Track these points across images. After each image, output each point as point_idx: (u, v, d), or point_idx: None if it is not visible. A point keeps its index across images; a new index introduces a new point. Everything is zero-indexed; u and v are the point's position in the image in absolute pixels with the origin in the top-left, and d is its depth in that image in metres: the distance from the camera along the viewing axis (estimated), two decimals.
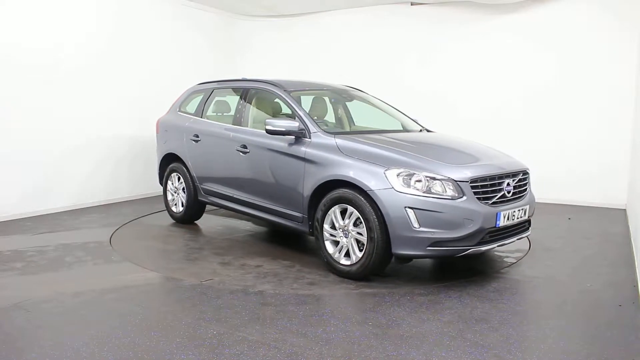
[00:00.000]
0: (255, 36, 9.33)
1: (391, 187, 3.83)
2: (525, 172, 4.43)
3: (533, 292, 3.93)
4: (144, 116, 7.58)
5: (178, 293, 3.86)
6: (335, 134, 4.48)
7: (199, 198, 5.82)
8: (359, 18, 8.56)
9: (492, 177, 4.05)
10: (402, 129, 5.30)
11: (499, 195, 4.06)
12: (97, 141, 6.96)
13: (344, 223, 4.10)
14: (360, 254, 4.00)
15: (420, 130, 5.29)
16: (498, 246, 4.14)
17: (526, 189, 4.42)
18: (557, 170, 7.35)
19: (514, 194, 4.20)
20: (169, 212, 6.25)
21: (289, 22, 9.13)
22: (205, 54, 8.67)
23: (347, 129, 5.40)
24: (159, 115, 7.72)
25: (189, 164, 5.83)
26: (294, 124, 4.48)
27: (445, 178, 3.84)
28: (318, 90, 5.49)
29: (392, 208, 3.81)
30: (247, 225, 6.05)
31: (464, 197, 3.83)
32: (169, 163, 6.16)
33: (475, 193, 3.89)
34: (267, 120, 4.58)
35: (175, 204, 6.13)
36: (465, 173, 3.92)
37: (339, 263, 4.14)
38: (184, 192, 5.95)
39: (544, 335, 3.12)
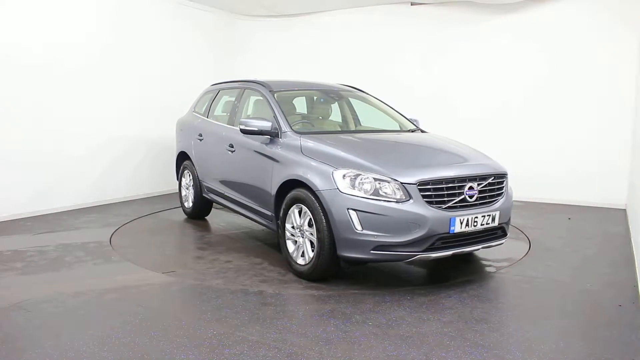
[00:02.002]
0: (255, 36, 9.33)
1: (336, 187, 3.79)
2: (499, 176, 4.14)
3: (533, 292, 3.92)
4: (144, 116, 7.58)
5: (178, 293, 3.87)
6: (302, 133, 4.49)
7: (203, 195, 6.00)
8: (359, 18, 8.56)
9: (449, 180, 3.83)
10: (389, 129, 5.22)
11: (458, 199, 3.82)
12: (98, 141, 6.96)
13: (300, 223, 4.11)
14: (312, 254, 4.00)
15: (413, 131, 5.16)
16: (453, 254, 3.89)
17: (500, 193, 4.12)
18: (557, 170, 7.36)
19: (481, 198, 3.94)
20: (182, 207, 6.52)
21: (289, 22, 9.13)
22: (205, 54, 8.67)
23: (352, 128, 5.39)
24: (158, 115, 7.78)
25: (194, 162, 6.06)
26: (266, 124, 4.53)
27: (392, 180, 3.72)
28: (306, 90, 5.51)
29: (336, 209, 3.75)
30: (250, 223, 6.06)
31: (411, 201, 3.68)
32: (184, 161, 6.40)
33: (425, 196, 3.71)
34: (241, 120, 4.69)
35: (187, 200, 6.37)
36: (415, 175, 3.75)
37: (296, 262, 4.16)
38: (193, 189, 6.17)
39: (544, 335, 3.12)
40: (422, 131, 5.26)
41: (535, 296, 3.86)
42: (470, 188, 3.88)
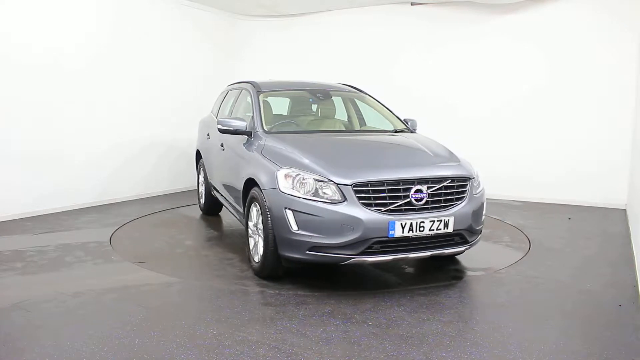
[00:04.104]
0: (255, 36, 9.33)
1: (277, 187, 3.81)
2: (461, 179, 3.95)
3: (533, 292, 3.92)
4: (144, 116, 7.58)
5: (178, 293, 3.87)
6: (271, 133, 4.57)
7: (211, 192, 6.14)
8: (358, 18, 8.55)
9: (392, 182, 3.69)
10: (372, 129, 5.23)
11: (401, 202, 3.67)
12: (98, 141, 6.95)
13: (255, 221, 4.15)
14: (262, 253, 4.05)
15: (398, 131, 5.00)
16: (394, 259, 3.78)
17: (461, 198, 3.91)
18: (557, 170, 7.36)
19: (435, 202, 3.79)
20: (198, 204, 6.77)
21: (289, 22, 9.13)
22: (205, 54, 8.67)
23: (357, 128, 5.39)
24: (157, 115, 7.79)
25: (203, 160, 6.30)
26: (241, 124, 4.62)
27: (328, 181, 3.68)
28: (295, 90, 5.56)
29: (275, 208, 3.78)
30: None
31: (345, 202, 3.61)
32: (200, 159, 6.63)
33: (362, 198, 3.62)
34: (218, 119, 4.79)
35: (201, 197, 6.61)
36: (353, 177, 3.66)
37: (253, 259, 4.21)
38: (204, 186, 6.42)
39: (544, 335, 3.12)
40: (411, 131, 5.10)
41: (535, 296, 3.85)
42: (418, 191, 3.73)
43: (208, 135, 6.06)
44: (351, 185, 3.65)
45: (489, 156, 7.76)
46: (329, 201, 3.64)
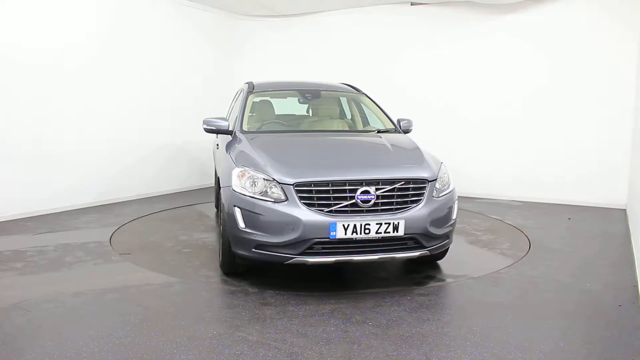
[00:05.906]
0: (255, 36, 9.33)
1: (230, 185, 3.88)
2: (417, 181, 3.79)
3: (533, 292, 3.92)
4: (144, 116, 7.58)
5: (178, 293, 3.86)
6: (245, 132, 4.66)
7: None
8: (358, 18, 8.56)
9: (337, 183, 3.62)
10: (355, 129, 5.29)
11: (346, 203, 3.60)
12: (98, 141, 6.95)
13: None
14: None
15: (383, 131, 4.91)
16: (337, 261, 3.68)
17: (417, 200, 3.76)
18: (557, 170, 7.36)
19: (383, 204, 3.66)
20: (214, 201, 6.93)
21: (289, 22, 9.13)
22: (205, 54, 8.67)
23: (360, 127, 5.38)
24: (157, 116, 7.78)
25: (214, 159, 6.48)
26: (223, 123, 4.74)
27: (272, 180, 3.70)
28: (288, 91, 5.64)
29: (227, 205, 3.88)
30: None
31: (286, 202, 3.61)
32: None
33: (304, 198, 3.60)
34: (204, 119, 4.86)
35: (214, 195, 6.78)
36: (296, 176, 3.65)
37: (220, 256, 4.26)
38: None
39: (544, 335, 3.12)
40: (399, 132, 4.98)
41: (535, 296, 3.85)
42: (365, 192, 3.62)
43: (217, 135, 6.13)
44: (293, 184, 3.65)
45: (488, 156, 7.78)
46: (272, 200, 3.66)
